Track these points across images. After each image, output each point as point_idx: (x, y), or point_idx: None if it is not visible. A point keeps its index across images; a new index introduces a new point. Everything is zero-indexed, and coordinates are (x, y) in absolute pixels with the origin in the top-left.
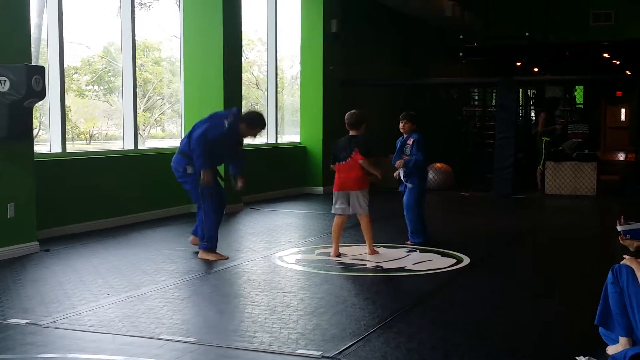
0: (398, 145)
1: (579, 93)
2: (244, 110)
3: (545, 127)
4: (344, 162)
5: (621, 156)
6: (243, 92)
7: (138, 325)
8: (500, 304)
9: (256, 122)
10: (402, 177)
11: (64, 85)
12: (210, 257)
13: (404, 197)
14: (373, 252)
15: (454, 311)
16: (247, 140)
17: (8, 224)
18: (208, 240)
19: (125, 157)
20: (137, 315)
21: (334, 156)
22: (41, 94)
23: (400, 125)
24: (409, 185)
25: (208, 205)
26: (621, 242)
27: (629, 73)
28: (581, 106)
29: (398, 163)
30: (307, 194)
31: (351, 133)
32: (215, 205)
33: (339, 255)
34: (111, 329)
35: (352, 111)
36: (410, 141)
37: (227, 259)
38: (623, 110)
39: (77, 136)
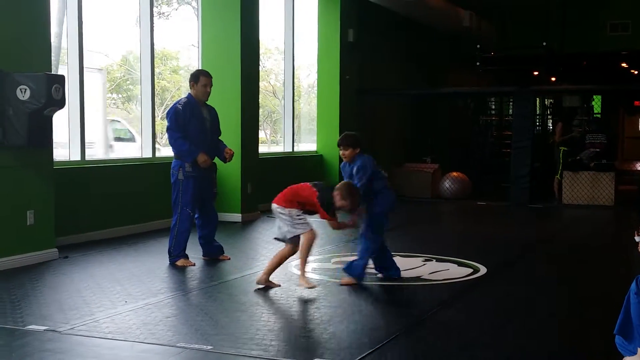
0: (345, 172)
1: (596, 103)
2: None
3: (563, 137)
4: None
5: (639, 166)
6: (260, 100)
7: (155, 333)
8: (518, 314)
9: (195, 74)
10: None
11: (84, 94)
12: (180, 263)
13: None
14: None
15: (472, 321)
16: (263, 149)
17: (27, 231)
18: (175, 250)
19: (143, 164)
20: (154, 323)
21: None
22: (61, 103)
23: (340, 153)
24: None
25: (185, 214)
26: None
27: None
28: (599, 116)
29: (352, 223)
30: None
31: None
32: (189, 216)
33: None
34: (129, 336)
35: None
36: (354, 170)
37: (194, 265)
38: None
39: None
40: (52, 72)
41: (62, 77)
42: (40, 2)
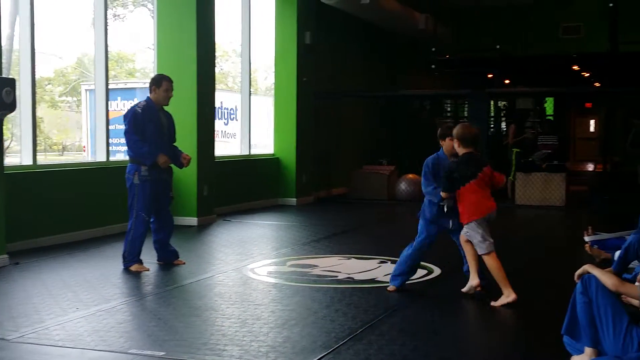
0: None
1: (549, 105)
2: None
3: (516, 139)
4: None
5: (590, 167)
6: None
7: (107, 340)
8: (471, 314)
9: (157, 79)
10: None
11: (36, 96)
12: (134, 268)
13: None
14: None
15: (425, 322)
16: (220, 151)
17: None
18: (130, 255)
19: (96, 169)
20: (106, 330)
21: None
22: (12, 106)
23: (445, 144)
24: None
25: (140, 219)
26: (589, 252)
27: (598, 85)
28: (551, 118)
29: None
30: (281, 205)
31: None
32: (145, 220)
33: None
34: (79, 343)
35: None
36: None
37: (148, 270)
38: (592, 122)
39: (50, 147)
40: (3, 75)
41: (12, 80)
42: None
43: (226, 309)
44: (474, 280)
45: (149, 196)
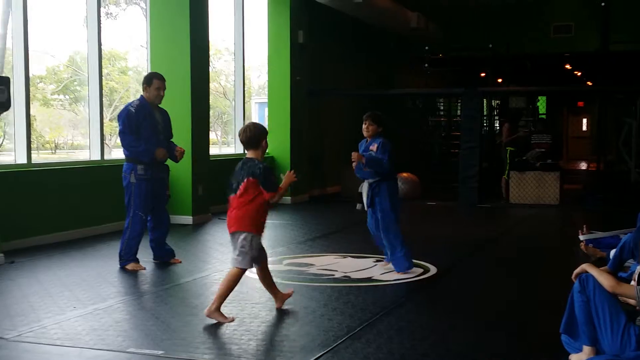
0: (360, 150)
1: (541, 103)
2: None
3: (510, 137)
4: (232, 196)
5: (583, 165)
6: (210, 101)
7: (105, 338)
8: (467, 313)
9: (148, 77)
10: (365, 193)
11: (29, 95)
12: (131, 267)
13: (372, 217)
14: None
15: (422, 321)
16: (214, 150)
17: None
18: (126, 254)
19: (91, 167)
20: (104, 328)
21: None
22: (6, 105)
23: (364, 126)
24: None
25: (137, 218)
26: (584, 250)
27: (590, 84)
28: (544, 116)
29: (355, 155)
30: (275, 204)
31: (248, 155)
32: (142, 219)
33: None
34: (78, 342)
35: (246, 125)
36: (374, 146)
37: (145, 269)
38: (585, 120)
39: (42, 146)
40: None
41: (6, 79)
42: None
43: (223, 307)
44: None
45: (146, 195)
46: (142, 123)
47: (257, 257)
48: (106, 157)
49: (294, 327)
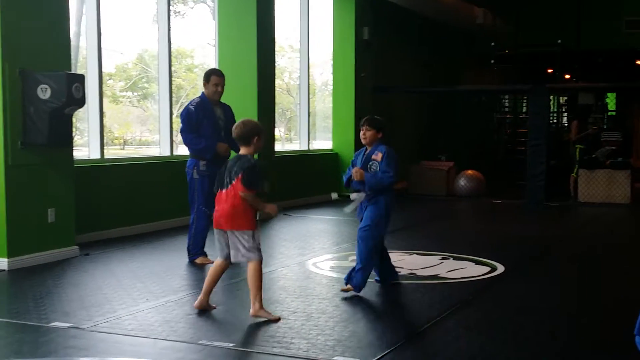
0: (358, 160)
1: (611, 100)
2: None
3: (579, 135)
4: (224, 190)
5: None
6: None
7: (177, 330)
8: (537, 313)
9: (206, 74)
10: (357, 202)
11: (102, 92)
12: (199, 260)
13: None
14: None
15: (490, 320)
16: (278, 147)
17: (49, 228)
18: (194, 248)
19: (161, 163)
20: (175, 320)
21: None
22: (81, 102)
23: (361, 133)
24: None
25: (200, 212)
26: None
27: None
28: (614, 113)
29: (357, 173)
30: (336, 200)
31: (240, 151)
32: (205, 214)
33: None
34: (151, 333)
35: (241, 120)
36: (377, 155)
37: (212, 263)
38: None
39: (112, 141)
40: (72, 71)
41: (81, 76)
42: (60, 1)
43: (291, 302)
44: None
45: (209, 191)
46: (202, 120)
47: (228, 252)
48: (176, 152)
49: (361, 323)
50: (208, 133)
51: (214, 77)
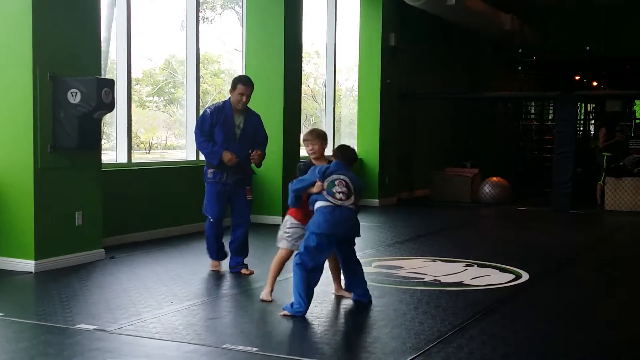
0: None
1: (638, 107)
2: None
3: (606, 142)
4: None
5: None
6: None
7: (201, 334)
8: (562, 322)
9: (234, 81)
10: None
11: (131, 97)
12: (211, 265)
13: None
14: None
15: (515, 327)
16: (303, 152)
17: (76, 231)
18: (208, 251)
19: (187, 167)
20: (200, 324)
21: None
22: (110, 106)
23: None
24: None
25: (207, 220)
26: None
27: None
28: None
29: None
30: (364, 206)
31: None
32: (209, 221)
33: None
34: (175, 336)
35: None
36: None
37: (219, 270)
38: None
39: (137, 146)
40: (102, 76)
41: (111, 81)
42: (91, 7)
43: (315, 307)
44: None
45: (215, 197)
46: (216, 125)
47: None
48: (201, 157)
49: (385, 329)
50: (219, 139)
51: (240, 85)
